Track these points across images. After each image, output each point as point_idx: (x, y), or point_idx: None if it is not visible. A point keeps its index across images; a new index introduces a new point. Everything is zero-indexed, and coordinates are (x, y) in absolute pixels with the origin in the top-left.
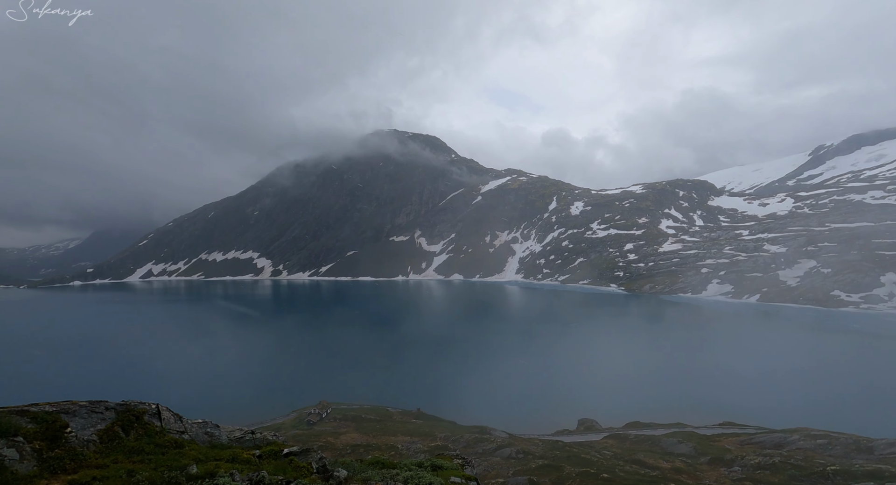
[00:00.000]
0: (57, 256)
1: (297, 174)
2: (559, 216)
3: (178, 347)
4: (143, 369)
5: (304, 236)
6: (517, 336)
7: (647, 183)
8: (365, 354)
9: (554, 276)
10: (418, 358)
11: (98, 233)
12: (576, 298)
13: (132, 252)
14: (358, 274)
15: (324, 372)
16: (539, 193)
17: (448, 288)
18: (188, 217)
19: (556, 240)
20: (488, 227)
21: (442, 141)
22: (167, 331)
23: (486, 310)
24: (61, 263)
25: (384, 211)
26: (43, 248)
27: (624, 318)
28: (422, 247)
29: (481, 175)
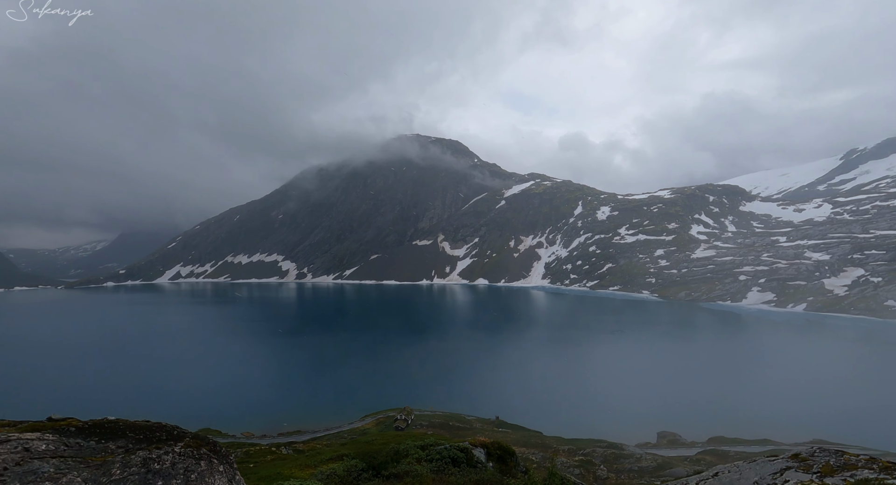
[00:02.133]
0: (86, 257)
1: (320, 178)
2: (585, 221)
3: (231, 350)
4: (208, 373)
5: (328, 240)
6: (565, 343)
7: (676, 188)
8: (414, 359)
9: (582, 281)
10: (469, 363)
11: (124, 235)
12: (610, 304)
13: (161, 254)
14: (382, 278)
15: (380, 376)
16: (564, 198)
17: (476, 293)
18: (215, 220)
19: (583, 245)
20: (512, 231)
21: (464, 145)
22: (221, 334)
23: (524, 316)
24: (90, 263)
25: (407, 215)
26: (72, 249)
27: (668, 325)
28: (445, 251)
29: (504, 179)
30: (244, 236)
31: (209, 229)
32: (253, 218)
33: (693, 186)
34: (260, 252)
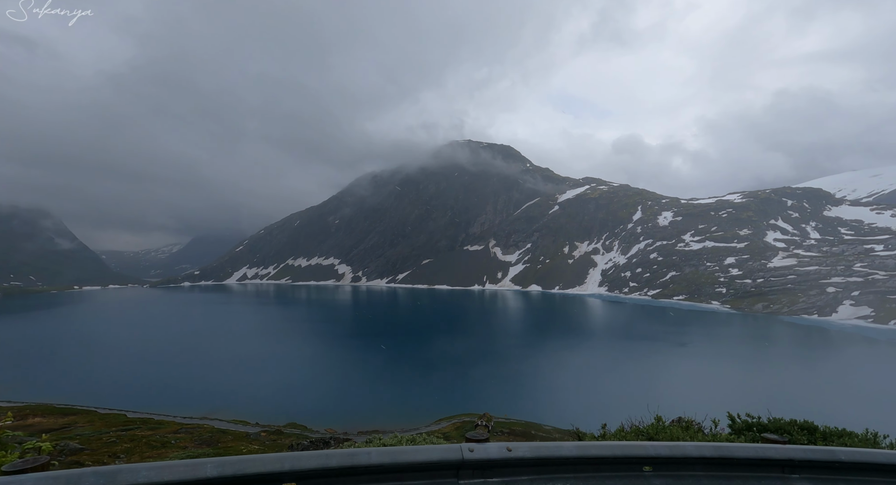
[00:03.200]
0: (163, 259)
1: (374, 185)
2: (645, 227)
3: (308, 350)
4: (289, 370)
5: (382, 245)
6: (633, 354)
7: (747, 191)
8: (481, 365)
9: (642, 290)
10: (536, 371)
11: (196, 238)
12: (677, 315)
13: (230, 257)
14: (434, 282)
15: (449, 381)
16: (621, 203)
17: (530, 299)
18: (277, 225)
19: (643, 252)
20: (566, 237)
21: (515, 150)
22: (296, 334)
23: (586, 324)
24: (167, 265)
25: (458, 220)
26: (152, 251)
27: (746, 339)
28: (496, 257)
29: (557, 184)
30: (303, 240)
31: (272, 234)
32: (311, 223)
33: (768, 190)
34: (318, 256)
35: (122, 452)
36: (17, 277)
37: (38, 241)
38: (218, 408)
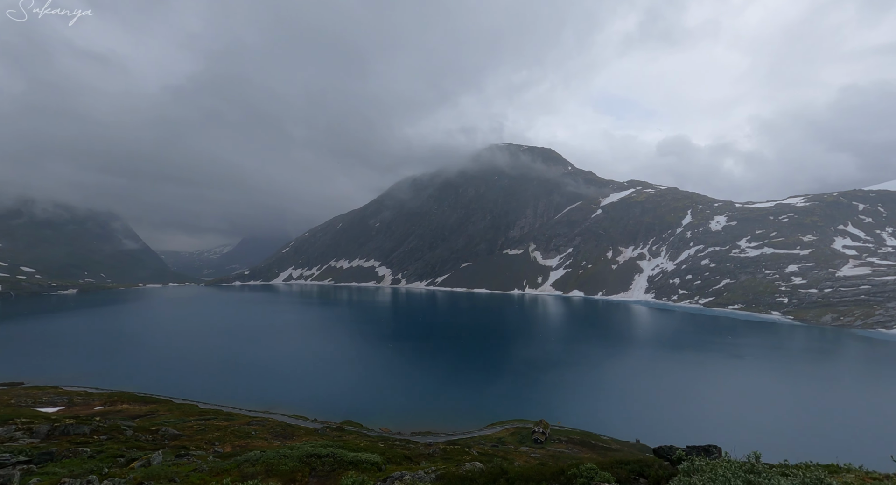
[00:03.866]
0: (215, 259)
1: (414, 188)
2: (696, 232)
3: (360, 351)
4: (344, 369)
5: (421, 247)
6: (689, 365)
7: (811, 195)
8: (528, 371)
9: (693, 298)
10: (588, 379)
11: (245, 240)
12: (730, 325)
13: (277, 258)
14: (473, 286)
15: (497, 386)
16: (669, 207)
17: (573, 305)
18: (321, 228)
19: (694, 258)
20: (610, 242)
21: (556, 153)
22: (347, 335)
23: (635, 332)
24: (218, 265)
25: (497, 224)
26: (205, 252)
27: (813, 354)
28: (536, 261)
29: (600, 187)
30: (345, 243)
31: (316, 236)
32: (353, 226)
33: (835, 193)
34: (359, 258)
35: (215, 439)
36: (91, 275)
37: (109, 242)
38: (277, 403)
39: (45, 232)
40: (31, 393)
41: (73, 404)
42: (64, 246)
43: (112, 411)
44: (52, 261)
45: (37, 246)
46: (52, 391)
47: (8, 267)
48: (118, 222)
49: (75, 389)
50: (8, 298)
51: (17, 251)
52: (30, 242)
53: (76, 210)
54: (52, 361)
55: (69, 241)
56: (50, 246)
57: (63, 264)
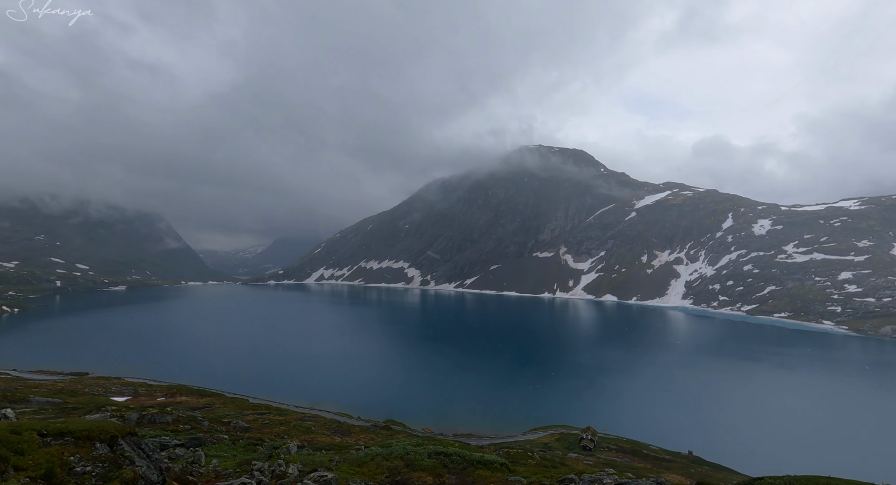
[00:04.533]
0: (250, 258)
1: (443, 190)
2: (737, 236)
3: (398, 351)
4: (386, 369)
5: (450, 249)
6: (737, 374)
7: (866, 197)
8: (567, 376)
9: (735, 304)
10: (631, 386)
11: (278, 240)
12: (777, 334)
13: (309, 258)
14: (502, 289)
15: (535, 389)
16: (708, 209)
17: (606, 310)
18: (352, 229)
19: (735, 263)
20: (644, 245)
21: (589, 154)
22: (385, 336)
23: (677, 339)
24: (253, 264)
25: (527, 226)
26: (240, 251)
27: (876, 367)
28: (567, 264)
29: (634, 189)
30: (375, 244)
31: (347, 237)
32: (383, 227)
33: (894, 195)
34: (388, 259)
35: (283, 433)
36: (137, 272)
37: (154, 241)
38: (321, 400)
39: (98, 231)
40: (100, 383)
41: (139, 394)
42: (114, 245)
43: (173, 403)
44: (103, 259)
45: (90, 245)
46: (117, 382)
47: (64, 264)
48: (162, 223)
49: (135, 380)
50: (66, 293)
51: (72, 249)
52: (84, 240)
53: (126, 211)
54: (111, 354)
55: (119, 240)
56: (102, 245)
57: (113, 262)
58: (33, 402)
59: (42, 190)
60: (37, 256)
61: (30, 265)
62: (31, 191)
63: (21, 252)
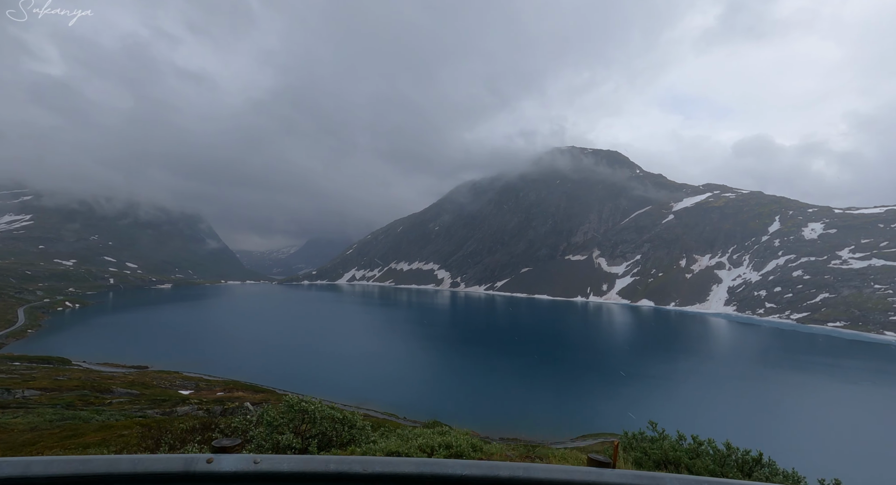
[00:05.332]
0: (283, 259)
1: (473, 192)
2: (785, 240)
3: (438, 353)
4: (429, 369)
5: (480, 252)
6: (796, 386)
7: None
8: (612, 382)
9: (783, 312)
10: (683, 395)
11: (310, 241)
12: (835, 345)
13: (341, 259)
14: (534, 292)
15: (580, 395)
16: (753, 212)
17: (644, 316)
18: (382, 231)
19: (783, 269)
20: (683, 249)
21: (623, 155)
22: (419, 335)
23: (726, 348)
24: (286, 264)
25: (559, 229)
26: (274, 252)
27: None
28: (601, 268)
29: (672, 191)
30: (405, 246)
31: (377, 239)
32: (413, 229)
33: None
34: (418, 261)
35: None
36: (181, 271)
37: (196, 241)
38: (365, 399)
39: (146, 232)
40: (161, 376)
41: (199, 388)
42: (161, 245)
43: (231, 397)
44: (150, 258)
45: (139, 244)
46: (177, 376)
47: (116, 263)
48: (203, 224)
49: (192, 375)
50: (118, 290)
51: (122, 249)
52: (133, 240)
53: (171, 213)
54: (165, 349)
55: (165, 240)
56: (149, 245)
57: (159, 261)
58: (116, 392)
59: (98, 193)
60: (92, 255)
61: (86, 264)
62: (88, 194)
63: (78, 251)
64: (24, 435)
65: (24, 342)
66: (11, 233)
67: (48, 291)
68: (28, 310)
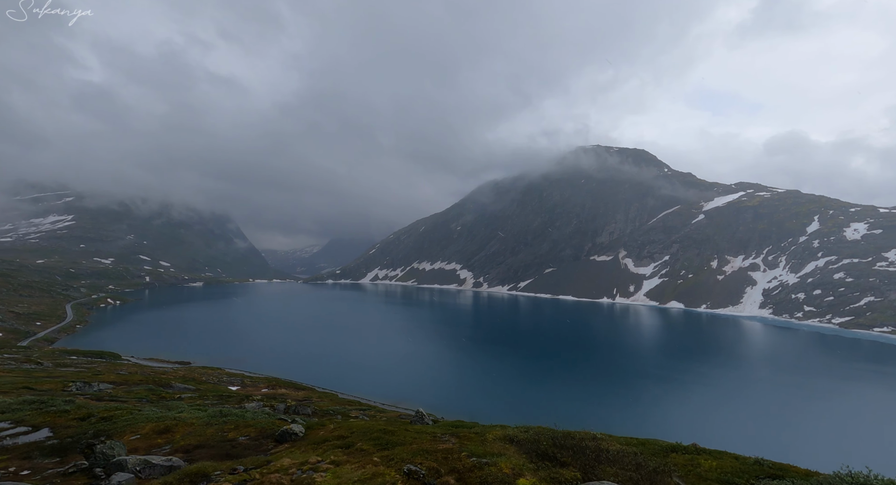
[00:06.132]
0: (306, 258)
1: (496, 192)
2: (825, 241)
3: (472, 354)
4: (461, 370)
5: (503, 252)
6: (852, 397)
7: None
8: (656, 388)
9: (824, 316)
10: (732, 400)
11: (332, 241)
12: (884, 351)
13: (365, 259)
14: (558, 292)
15: (620, 399)
16: (790, 212)
17: (674, 318)
18: (405, 231)
19: (823, 271)
20: (714, 250)
21: (651, 154)
22: (447, 335)
23: (766, 352)
24: (308, 263)
25: (584, 229)
26: (297, 251)
27: None
28: (628, 268)
29: (702, 191)
30: (427, 245)
31: (400, 239)
32: (435, 229)
33: None
34: (441, 260)
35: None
36: (210, 270)
37: (225, 241)
38: (404, 398)
39: (178, 232)
40: (207, 372)
41: (245, 384)
42: (192, 244)
43: (276, 394)
44: (182, 257)
45: (172, 244)
46: (221, 372)
47: (150, 261)
48: (232, 224)
49: (234, 371)
50: (153, 288)
51: (156, 248)
52: (166, 240)
53: (202, 213)
54: (203, 344)
55: (196, 240)
56: (181, 244)
57: (191, 260)
58: (176, 387)
59: (134, 194)
60: (128, 253)
61: (123, 262)
62: (126, 195)
63: (116, 250)
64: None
65: (73, 337)
66: (55, 232)
67: (90, 288)
68: (75, 306)
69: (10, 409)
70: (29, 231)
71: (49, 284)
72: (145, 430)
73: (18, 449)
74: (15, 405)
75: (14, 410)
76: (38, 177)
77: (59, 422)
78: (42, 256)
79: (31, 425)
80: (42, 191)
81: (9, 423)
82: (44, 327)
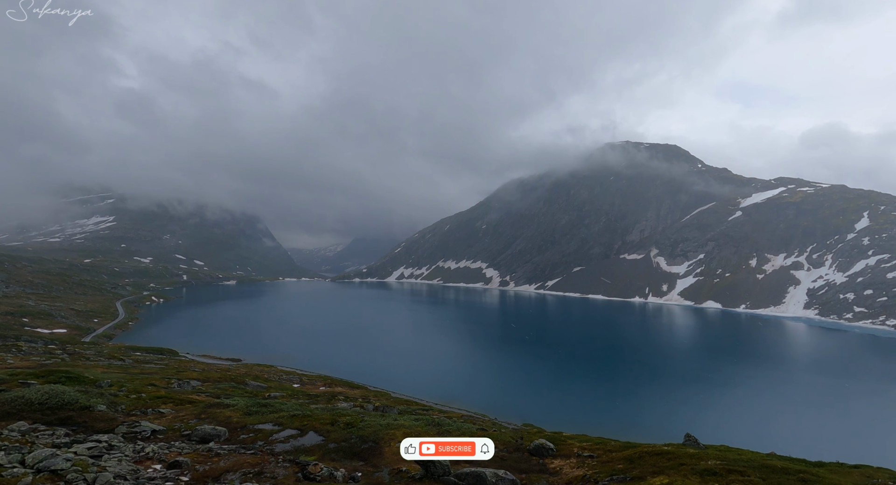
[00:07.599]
0: (331, 257)
1: (521, 190)
2: (877, 238)
3: (517, 356)
4: (509, 372)
5: (530, 250)
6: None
7: None
8: (705, 390)
9: (877, 317)
10: (783, 406)
11: (356, 240)
12: None
13: (390, 258)
14: (587, 291)
15: (662, 403)
16: (835, 208)
17: (714, 318)
18: (430, 229)
19: (875, 270)
20: (753, 248)
21: (683, 149)
22: (488, 335)
23: (814, 354)
24: (333, 262)
25: (614, 227)
26: (322, 249)
27: None
28: (660, 267)
29: (738, 186)
30: (453, 244)
31: (425, 238)
32: (460, 228)
33: None
34: (466, 259)
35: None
36: (241, 268)
37: (255, 240)
38: (453, 397)
39: (212, 231)
40: (262, 369)
41: (303, 383)
42: (224, 244)
43: (332, 393)
44: (215, 256)
45: (205, 243)
46: (274, 370)
47: (185, 260)
48: (261, 224)
49: (285, 368)
50: (191, 286)
51: (192, 247)
52: (201, 239)
53: (234, 213)
54: (250, 341)
55: (228, 239)
56: (215, 243)
57: (223, 259)
58: (251, 385)
59: (171, 196)
60: (166, 253)
61: (162, 261)
62: (164, 197)
63: (154, 250)
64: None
65: (128, 333)
66: (98, 233)
67: (134, 286)
68: (124, 304)
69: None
70: (75, 232)
71: (98, 282)
72: (398, 437)
73: (311, 450)
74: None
75: (254, 411)
76: (83, 180)
77: (315, 426)
78: (88, 256)
79: (294, 428)
80: (87, 193)
81: (271, 424)
82: (101, 324)
